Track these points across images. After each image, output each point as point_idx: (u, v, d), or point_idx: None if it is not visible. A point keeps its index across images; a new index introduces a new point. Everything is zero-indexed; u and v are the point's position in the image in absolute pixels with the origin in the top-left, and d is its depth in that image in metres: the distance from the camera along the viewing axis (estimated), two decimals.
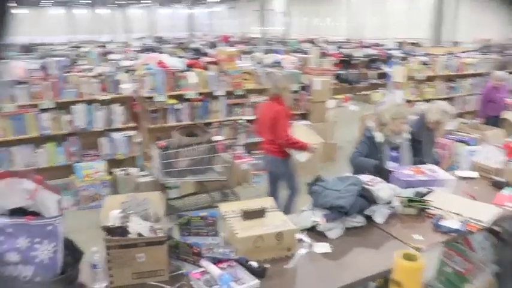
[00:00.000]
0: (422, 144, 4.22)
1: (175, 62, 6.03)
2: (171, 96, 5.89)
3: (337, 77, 11.54)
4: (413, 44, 16.27)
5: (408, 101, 8.06)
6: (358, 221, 2.77)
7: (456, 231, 2.72)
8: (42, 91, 5.25)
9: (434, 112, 4.37)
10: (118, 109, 5.63)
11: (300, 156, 4.49)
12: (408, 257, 1.95)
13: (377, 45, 15.74)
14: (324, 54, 11.16)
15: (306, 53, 10.99)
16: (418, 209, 2.98)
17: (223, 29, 49.77)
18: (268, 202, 2.72)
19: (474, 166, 3.84)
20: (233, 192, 5.42)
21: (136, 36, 42.63)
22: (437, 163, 4.28)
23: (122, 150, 5.67)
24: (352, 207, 2.69)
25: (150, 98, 5.77)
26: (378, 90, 11.60)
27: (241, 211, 2.53)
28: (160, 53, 9.38)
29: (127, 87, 5.69)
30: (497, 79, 7.25)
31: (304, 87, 6.71)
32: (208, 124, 6.11)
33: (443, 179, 3.35)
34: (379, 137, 3.77)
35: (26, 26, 54.68)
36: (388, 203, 2.89)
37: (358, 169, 3.76)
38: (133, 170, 5.63)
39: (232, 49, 6.65)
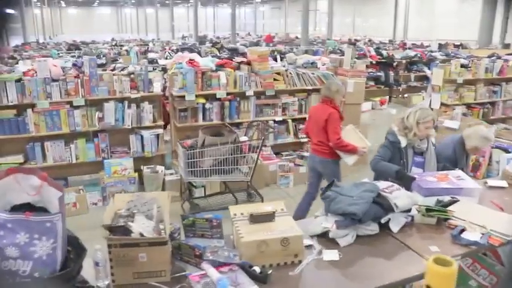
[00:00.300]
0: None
1: (206, 62, 6.05)
2: (201, 96, 5.91)
3: (376, 79, 11.27)
4: (458, 45, 15.64)
5: (446, 105, 7.77)
6: (371, 229, 2.66)
7: (475, 243, 2.56)
8: (75, 88, 5.38)
9: (474, 138, 4.09)
10: (148, 107, 5.70)
11: (348, 159, 4.52)
12: (441, 262, 1.89)
13: (421, 46, 15.26)
14: (363, 56, 10.94)
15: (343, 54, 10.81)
16: (438, 218, 2.83)
17: (267, 29, 49.93)
18: (279, 206, 2.66)
19: (505, 175, 3.62)
20: (258, 193, 5.38)
21: (180, 35, 43.50)
22: None
23: (150, 148, 5.74)
24: (366, 214, 2.58)
25: (180, 96, 5.81)
26: (419, 94, 11.25)
27: (248, 214, 2.48)
28: (198, 52, 9.47)
29: (157, 86, 5.75)
30: None
31: None
32: (239, 124, 6.09)
33: (469, 187, 3.17)
34: (402, 141, 3.63)
35: (78, 25, 57.00)
36: (406, 211, 2.76)
37: (380, 174, 3.63)
38: (160, 168, 5.69)
39: (263, 49, 6.60)
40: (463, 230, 2.70)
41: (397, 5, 34.17)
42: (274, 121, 6.25)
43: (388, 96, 11.17)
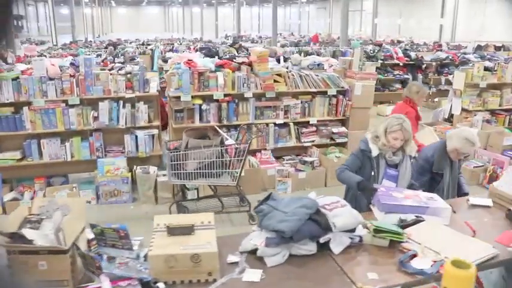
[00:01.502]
0: (443, 177, 3.71)
1: (205, 62, 5.93)
2: (197, 96, 5.80)
3: (403, 82, 10.76)
4: (500, 47, 14.71)
5: (467, 111, 7.26)
6: (308, 248, 2.43)
7: (421, 272, 2.28)
8: (71, 87, 5.41)
9: (454, 139, 3.68)
10: (143, 107, 5.65)
11: None
12: (459, 265, 1.88)
13: (458, 48, 14.47)
14: (389, 57, 10.48)
15: (368, 55, 10.40)
16: (391, 240, 2.55)
17: (312, 29, 49.40)
18: (208, 218, 2.48)
19: (492, 192, 3.25)
20: (245, 199, 5.19)
21: (223, 34, 43.87)
22: (465, 194, 3.75)
23: (144, 148, 5.69)
24: (298, 233, 2.36)
25: (176, 97, 5.73)
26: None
27: (165, 226, 2.32)
28: (216, 52, 9.37)
29: (153, 86, 5.69)
30: None
31: (345, 92, 6.27)
32: (237, 126, 5.93)
33: (437, 207, 2.85)
34: (374, 150, 3.31)
35: (127, 24, 58.78)
36: (350, 231, 2.50)
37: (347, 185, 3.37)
38: (152, 169, 5.62)
39: (263, 49, 6.39)
40: (414, 256, 2.42)
41: (444, 6, 32.75)
42: (275, 124, 6.04)
43: None
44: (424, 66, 10.63)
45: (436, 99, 10.51)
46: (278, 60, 6.41)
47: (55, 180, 5.80)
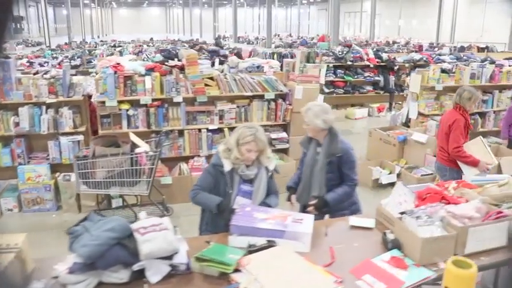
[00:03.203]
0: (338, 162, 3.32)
1: (134, 66, 5.69)
2: (125, 101, 5.57)
3: (374, 84, 10.45)
4: (483, 49, 14.31)
5: (423, 115, 6.95)
6: (118, 276, 2.18)
7: None
8: None
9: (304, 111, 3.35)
10: (67, 113, 5.44)
11: (467, 172, 4.36)
12: (461, 264, 1.87)
13: (440, 48, 14.07)
14: (359, 59, 10.17)
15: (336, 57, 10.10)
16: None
17: (313, 30, 49.09)
18: (17, 239, 2.24)
19: (378, 212, 2.94)
20: (161, 207, 4.95)
21: (224, 35, 43.73)
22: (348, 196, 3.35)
23: (68, 155, 5.47)
24: (103, 259, 2.11)
25: (102, 102, 5.50)
26: None
27: None
28: (175, 54, 9.12)
29: (79, 91, 5.48)
30: None
31: (285, 96, 6.00)
32: (169, 132, 5.69)
33: (297, 231, 2.57)
34: (226, 164, 2.97)
35: (128, 25, 58.91)
36: (169, 258, 2.24)
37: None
38: (74, 176, 5.39)
39: (193, 52, 6.14)
40: None
41: (442, 7, 32.26)
42: (208, 129, 5.78)
43: (388, 103, 10.31)
44: (396, 67, 10.29)
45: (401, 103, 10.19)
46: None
47: None
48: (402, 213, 2.54)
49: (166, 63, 5.89)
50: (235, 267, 2.26)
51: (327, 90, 10.03)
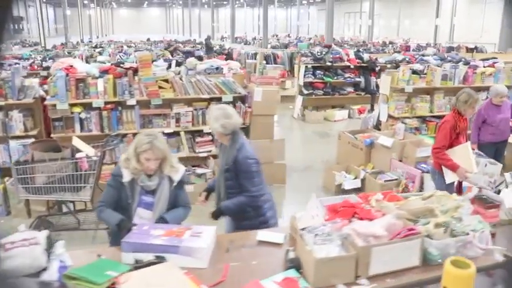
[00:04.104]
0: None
1: (88, 68, 5.55)
2: (78, 104, 5.42)
3: (355, 85, 10.24)
4: (472, 49, 14.05)
5: (393, 118, 6.75)
6: None
7: None
8: None
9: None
10: (17, 116, 5.31)
11: (447, 176, 4.29)
12: (459, 264, 1.87)
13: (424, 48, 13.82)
14: (338, 59, 9.98)
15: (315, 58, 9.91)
16: None
17: (312, 31, 48.84)
18: None
19: (291, 225, 2.75)
20: None
21: (225, 35, 43.62)
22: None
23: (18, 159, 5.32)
24: None
25: (54, 105, 5.36)
26: None
27: None
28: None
29: (31, 93, 5.34)
30: (496, 95, 5.67)
31: (244, 98, 5.83)
32: (124, 135, 5.55)
33: (190, 246, 2.40)
34: (126, 175, 2.78)
35: (128, 26, 58.92)
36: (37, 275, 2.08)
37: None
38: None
39: (147, 53, 5.98)
40: None
41: (440, 7, 31.92)
42: (163, 133, 5.61)
43: (370, 104, 10.09)
44: (378, 68, 10.08)
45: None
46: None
47: None
48: (303, 228, 2.36)
49: (121, 65, 5.72)
50: (109, 285, 2.09)
51: (305, 92, 9.85)
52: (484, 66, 7.31)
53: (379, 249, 2.22)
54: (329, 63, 9.85)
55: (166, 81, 5.54)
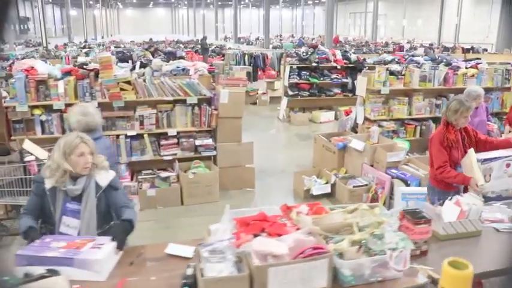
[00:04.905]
0: None
1: (50, 69, 5.44)
2: (38, 106, 5.32)
3: (343, 86, 10.04)
4: (468, 50, 13.76)
5: (370, 121, 6.56)
6: None
7: None
8: None
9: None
10: None
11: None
12: (457, 265, 1.87)
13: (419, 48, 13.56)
14: (325, 60, 9.79)
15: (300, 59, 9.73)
16: None
17: (318, 31, 48.53)
18: None
19: (205, 237, 2.59)
20: None
21: (229, 35, 43.50)
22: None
23: None
24: None
25: (13, 107, 5.26)
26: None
27: None
28: (130, 56, 8.88)
29: None
30: (472, 96, 5.45)
31: (210, 100, 5.69)
32: None
33: (85, 259, 2.26)
34: (47, 181, 2.63)
35: (134, 26, 59.09)
36: None
37: None
38: None
39: (107, 55, 5.85)
40: None
41: (444, 7, 31.52)
42: (126, 136, 5.50)
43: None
44: (366, 69, 9.85)
45: None
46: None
47: None
48: (200, 244, 2.21)
49: (84, 66, 5.61)
50: None
51: (291, 93, 9.68)
52: (467, 67, 7.08)
53: (277, 270, 2.04)
54: (315, 64, 9.66)
55: (129, 83, 5.41)
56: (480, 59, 8.24)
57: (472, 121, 5.46)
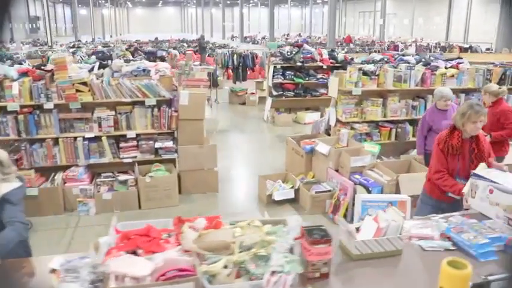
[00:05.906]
0: None
1: (6, 70, 5.35)
2: None
3: (328, 86, 9.80)
4: (466, 49, 13.39)
5: (342, 123, 6.35)
6: None
7: None
8: None
9: None
10: None
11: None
12: (455, 265, 1.88)
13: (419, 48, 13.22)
14: (310, 59, 9.58)
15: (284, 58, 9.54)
16: None
17: (324, 29, 48.13)
18: None
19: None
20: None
21: (229, 35, 43.42)
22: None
23: None
24: None
25: None
26: None
27: None
28: (110, 55, 8.80)
29: None
30: (441, 98, 5.22)
31: (170, 102, 5.55)
32: (42, 140, 5.35)
33: None
34: None
35: (144, 25, 59.31)
36: None
37: None
38: None
39: (64, 55, 5.74)
40: None
41: (452, 7, 30.93)
42: (84, 138, 5.39)
43: None
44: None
45: None
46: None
47: None
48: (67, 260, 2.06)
49: (42, 67, 5.51)
50: None
51: (275, 93, 9.49)
52: (447, 67, 6.82)
53: None
54: (299, 64, 9.45)
55: (85, 84, 5.29)
56: (462, 58, 7.94)
57: (441, 124, 5.24)
